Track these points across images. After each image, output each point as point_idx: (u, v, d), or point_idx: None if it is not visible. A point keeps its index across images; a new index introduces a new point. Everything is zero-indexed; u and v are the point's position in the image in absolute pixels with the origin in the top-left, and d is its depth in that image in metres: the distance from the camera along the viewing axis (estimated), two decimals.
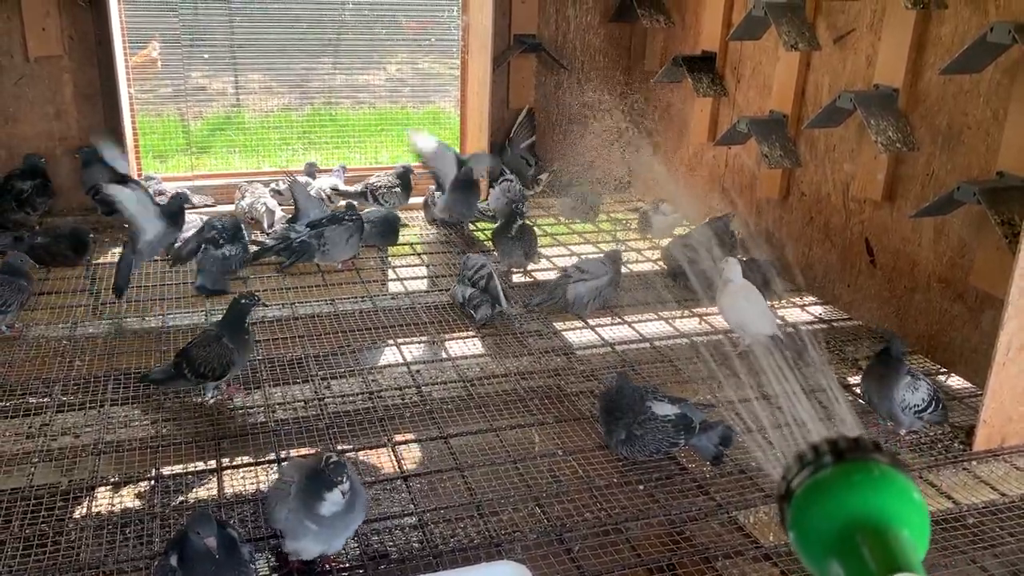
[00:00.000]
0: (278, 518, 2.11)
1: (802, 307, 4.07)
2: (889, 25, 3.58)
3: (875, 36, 3.68)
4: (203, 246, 3.91)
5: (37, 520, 2.37)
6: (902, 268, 3.66)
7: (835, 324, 3.89)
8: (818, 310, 4.05)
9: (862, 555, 0.82)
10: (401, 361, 3.40)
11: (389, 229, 4.51)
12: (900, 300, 3.68)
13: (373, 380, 3.23)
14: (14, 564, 2.19)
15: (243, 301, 3.01)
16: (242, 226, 4.07)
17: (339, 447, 2.78)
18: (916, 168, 3.57)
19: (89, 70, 4.81)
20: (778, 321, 3.44)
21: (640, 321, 3.82)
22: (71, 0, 4.63)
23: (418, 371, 3.32)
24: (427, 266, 4.56)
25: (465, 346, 3.57)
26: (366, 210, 4.67)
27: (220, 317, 3.13)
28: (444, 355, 3.49)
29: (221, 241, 3.89)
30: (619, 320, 3.82)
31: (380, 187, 4.91)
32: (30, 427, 2.84)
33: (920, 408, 2.81)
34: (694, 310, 3.92)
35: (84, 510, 2.45)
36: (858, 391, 3.18)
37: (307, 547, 2.11)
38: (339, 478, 2.05)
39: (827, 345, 3.63)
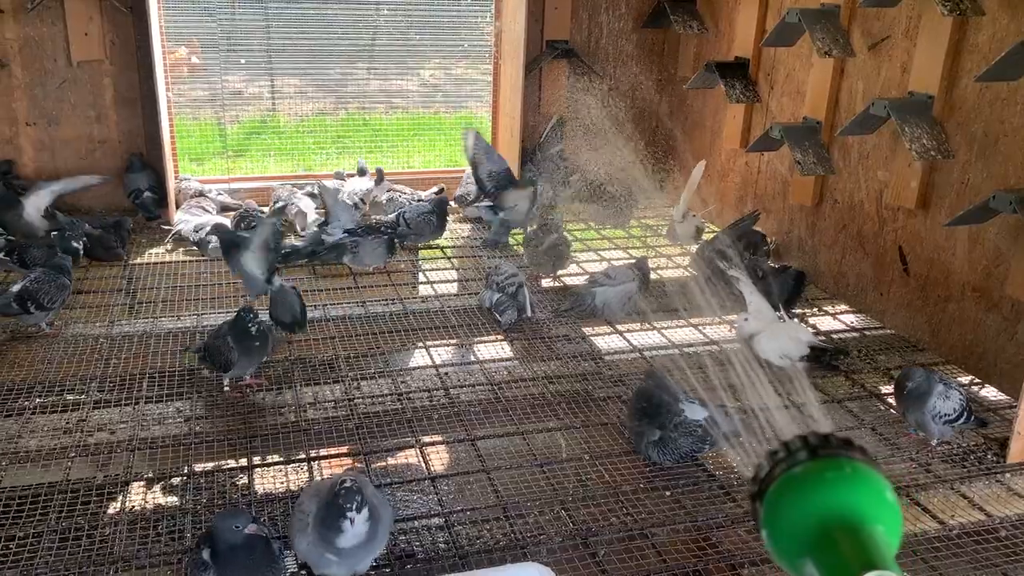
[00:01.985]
0: (299, 549, 2.09)
1: (834, 315, 4.04)
2: (925, 32, 3.54)
3: (910, 43, 3.65)
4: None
5: (73, 514, 2.42)
6: (936, 277, 3.62)
7: (867, 333, 3.85)
8: (850, 318, 4.01)
9: (837, 553, 0.81)
10: (430, 363, 3.43)
11: (440, 220, 4.64)
12: (933, 309, 3.64)
13: (402, 381, 3.26)
14: (51, 556, 2.25)
15: (241, 314, 3.06)
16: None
17: (368, 447, 2.81)
18: (951, 176, 3.53)
19: (129, 74, 4.91)
20: (803, 335, 3.42)
21: (669, 327, 3.81)
22: (113, 6, 4.73)
23: (446, 373, 3.34)
24: (457, 270, 4.59)
25: (493, 349, 3.59)
26: (413, 204, 4.73)
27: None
28: (472, 358, 3.51)
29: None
30: (648, 326, 3.82)
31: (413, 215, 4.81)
32: (67, 423, 2.90)
33: (951, 418, 2.79)
34: (724, 317, 3.90)
35: (118, 505, 2.50)
36: (890, 400, 3.16)
37: (332, 572, 2.10)
38: (349, 505, 1.99)
39: (859, 354, 3.60)
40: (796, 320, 3.63)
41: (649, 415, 2.69)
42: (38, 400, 3.02)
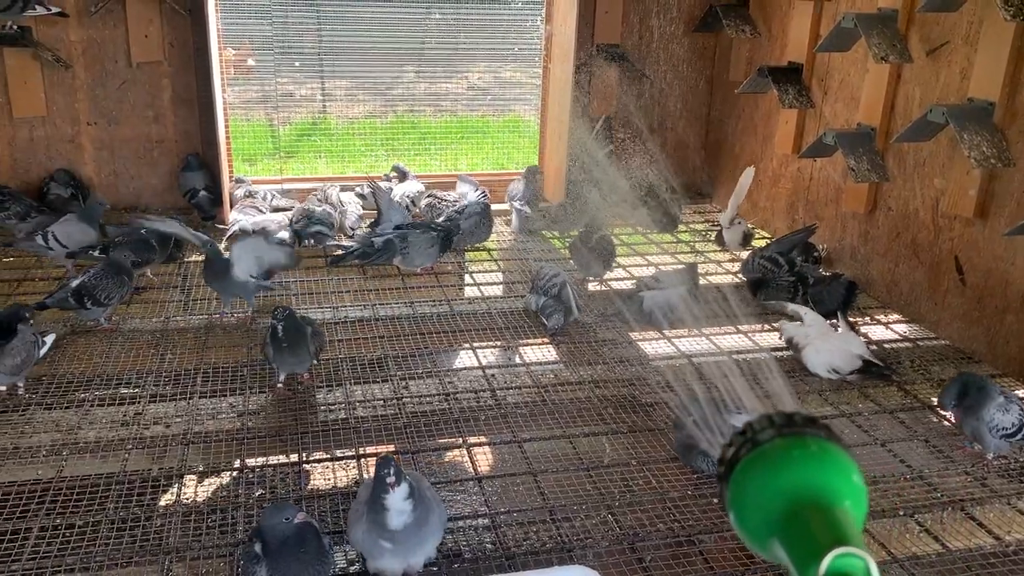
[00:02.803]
0: (355, 540, 2.12)
1: (886, 324, 3.97)
2: (986, 37, 3.47)
3: (971, 48, 3.58)
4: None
5: (130, 504, 2.48)
6: (993, 288, 3.54)
7: (920, 343, 3.78)
8: (903, 328, 3.94)
9: (803, 531, 0.79)
10: (476, 365, 3.45)
11: (486, 213, 4.70)
12: (990, 320, 3.56)
13: (449, 382, 3.28)
14: (108, 544, 2.31)
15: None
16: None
17: (416, 446, 2.84)
18: (1011, 184, 3.45)
19: (186, 75, 5.02)
20: (855, 348, 3.37)
21: (718, 334, 3.79)
22: (172, 9, 4.84)
23: (493, 375, 3.36)
24: (503, 272, 4.61)
25: (539, 352, 3.59)
26: (461, 205, 4.77)
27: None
28: (519, 360, 3.52)
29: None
30: (696, 332, 3.79)
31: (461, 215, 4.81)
32: (125, 415, 2.97)
33: (1009, 432, 2.73)
34: (773, 324, 3.86)
35: (172, 497, 2.55)
36: (943, 412, 3.10)
37: (387, 565, 2.12)
38: (385, 471, 2.00)
39: (912, 364, 3.54)
40: (852, 332, 3.56)
41: (693, 440, 2.67)
42: (96, 393, 3.10)
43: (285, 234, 4.53)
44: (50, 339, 3.18)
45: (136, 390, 3.14)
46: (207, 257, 3.68)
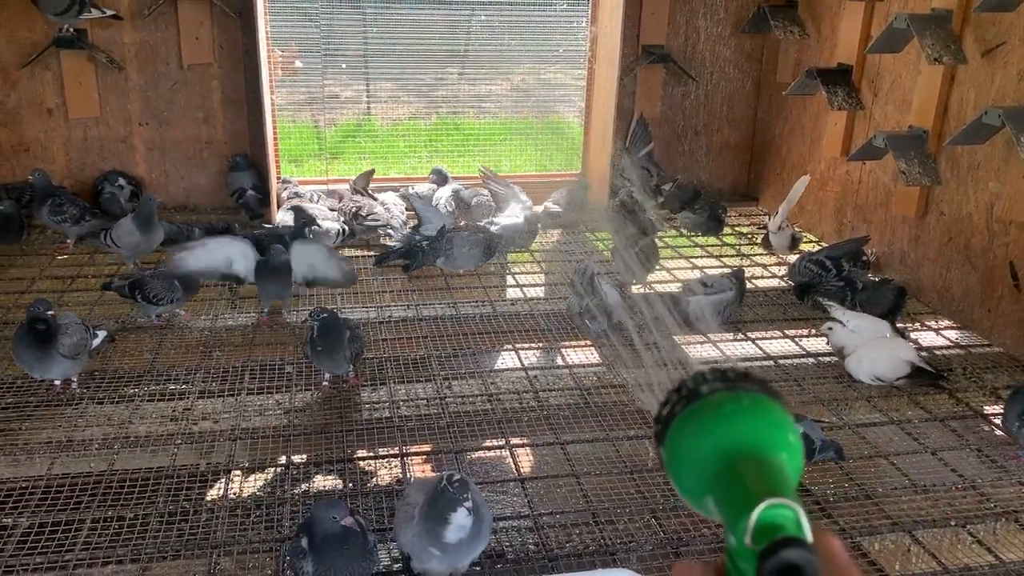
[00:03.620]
0: (403, 541, 2.13)
1: (937, 330, 3.89)
2: None
3: None
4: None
5: (179, 498, 2.53)
6: None
7: (973, 350, 3.70)
8: (954, 334, 3.85)
9: (736, 485, 0.77)
10: (519, 366, 3.45)
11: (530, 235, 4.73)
12: None
13: (492, 383, 3.29)
14: (159, 537, 2.35)
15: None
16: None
17: (458, 446, 2.85)
18: None
19: (236, 77, 5.10)
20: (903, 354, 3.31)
21: (764, 338, 3.74)
22: (223, 11, 4.92)
23: (535, 376, 3.36)
24: (546, 274, 4.60)
25: (582, 354, 3.58)
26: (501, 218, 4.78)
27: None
28: (561, 362, 3.52)
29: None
30: (742, 336, 3.75)
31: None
32: (174, 411, 3.03)
33: None
34: (820, 329, 3.80)
35: (219, 491, 2.59)
36: (997, 421, 3.03)
37: (434, 567, 2.13)
38: (463, 495, 2.02)
39: (963, 372, 3.46)
40: (900, 337, 3.50)
41: None
42: (147, 388, 3.16)
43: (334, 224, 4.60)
44: (102, 334, 3.25)
45: (185, 386, 3.20)
46: (268, 256, 3.72)
